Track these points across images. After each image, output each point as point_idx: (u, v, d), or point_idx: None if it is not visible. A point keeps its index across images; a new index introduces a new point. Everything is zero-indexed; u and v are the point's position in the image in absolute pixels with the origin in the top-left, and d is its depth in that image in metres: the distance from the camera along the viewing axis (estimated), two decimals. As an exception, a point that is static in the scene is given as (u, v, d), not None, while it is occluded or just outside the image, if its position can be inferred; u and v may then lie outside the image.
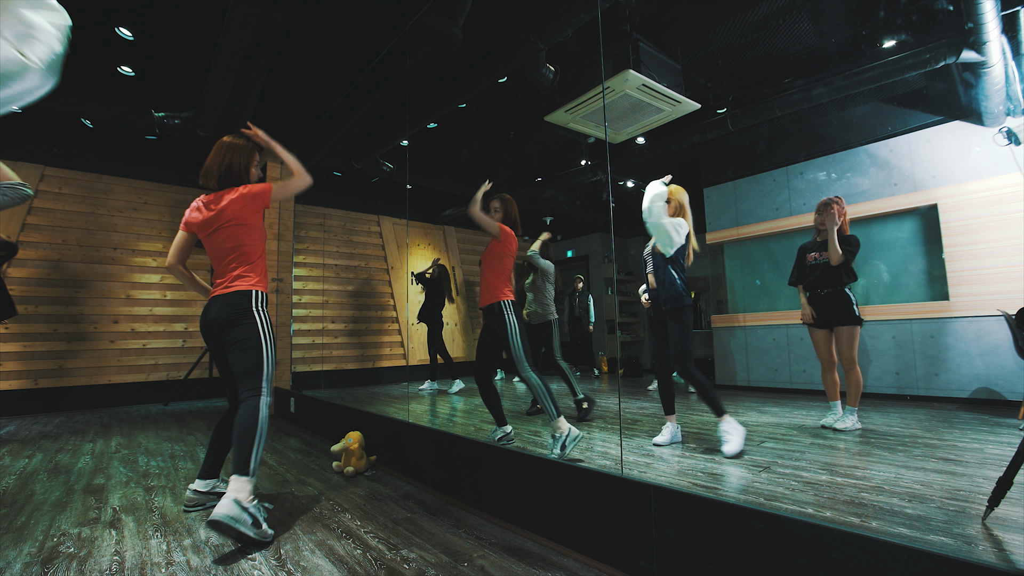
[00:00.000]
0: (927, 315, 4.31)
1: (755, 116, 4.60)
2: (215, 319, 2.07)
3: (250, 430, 1.93)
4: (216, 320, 2.06)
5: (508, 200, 2.97)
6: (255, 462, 1.90)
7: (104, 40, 3.94)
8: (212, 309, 2.09)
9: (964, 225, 4.18)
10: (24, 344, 5.00)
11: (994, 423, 3.24)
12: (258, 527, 1.79)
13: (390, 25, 3.58)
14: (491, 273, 2.81)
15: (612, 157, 5.95)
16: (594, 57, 3.96)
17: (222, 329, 2.07)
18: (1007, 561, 1.40)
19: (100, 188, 5.56)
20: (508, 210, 2.94)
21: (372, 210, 7.52)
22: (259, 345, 2.07)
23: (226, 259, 2.13)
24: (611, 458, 2.61)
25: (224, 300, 2.07)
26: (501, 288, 2.78)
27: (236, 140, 2.23)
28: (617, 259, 8.52)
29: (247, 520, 1.76)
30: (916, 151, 4.50)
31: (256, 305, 2.11)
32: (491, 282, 2.80)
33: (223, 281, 2.12)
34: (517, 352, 2.71)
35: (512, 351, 2.71)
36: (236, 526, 1.72)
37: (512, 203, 2.97)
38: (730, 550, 1.32)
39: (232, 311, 2.06)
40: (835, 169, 5.01)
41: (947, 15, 3.52)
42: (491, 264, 2.82)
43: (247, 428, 1.93)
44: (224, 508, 1.73)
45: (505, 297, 2.76)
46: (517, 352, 2.71)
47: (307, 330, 6.68)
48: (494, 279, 2.80)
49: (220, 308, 2.07)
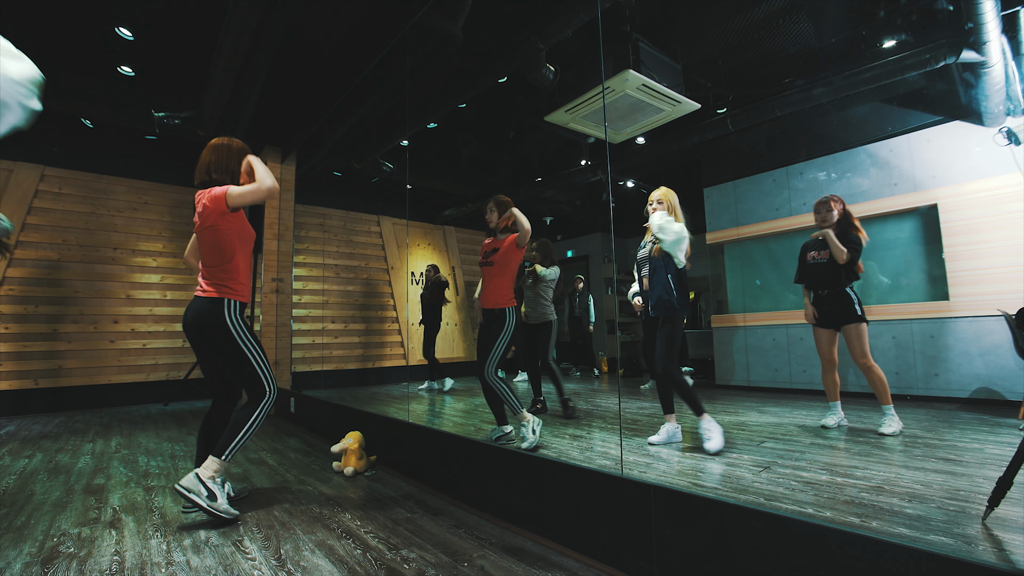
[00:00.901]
0: (927, 315, 4.31)
1: (755, 116, 4.60)
2: (189, 322, 2.13)
3: (240, 424, 2.11)
4: (190, 323, 2.13)
5: (503, 202, 3.00)
6: (232, 450, 2.08)
7: (104, 40, 3.94)
8: (188, 311, 2.15)
9: (964, 225, 4.17)
10: (24, 344, 5.00)
11: (994, 423, 3.24)
12: (213, 500, 1.97)
13: (390, 25, 3.58)
14: (503, 277, 2.89)
15: (612, 157, 5.95)
16: (594, 57, 3.97)
17: (196, 332, 2.12)
18: (1007, 561, 1.40)
19: (100, 188, 5.56)
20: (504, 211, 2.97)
21: (372, 210, 7.52)
22: (242, 354, 2.14)
23: (204, 260, 2.17)
24: (611, 458, 2.61)
25: (197, 304, 2.13)
26: (508, 293, 2.88)
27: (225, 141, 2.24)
28: (617, 259, 8.52)
29: (203, 492, 1.96)
30: (916, 151, 4.50)
31: (228, 313, 2.13)
32: (499, 285, 2.89)
33: (201, 282, 2.17)
34: (495, 354, 2.83)
35: (492, 351, 2.82)
36: (190, 495, 1.95)
37: (508, 203, 2.99)
38: (730, 550, 1.32)
39: (202, 319, 2.11)
40: (835, 169, 5.01)
41: (947, 15, 3.52)
42: (505, 268, 2.89)
43: (239, 422, 2.11)
44: (186, 480, 1.98)
45: (512, 304, 2.87)
46: (495, 354, 2.83)
47: (307, 330, 6.68)
48: (505, 282, 2.89)
49: (193, 312, 2.13)
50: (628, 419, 3.78)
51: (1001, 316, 3.77)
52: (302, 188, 5.85)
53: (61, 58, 4.15)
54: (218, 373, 2.28)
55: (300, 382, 5.72)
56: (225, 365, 2.17)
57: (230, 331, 2.11)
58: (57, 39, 3.91)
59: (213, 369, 2.28)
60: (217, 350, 2.13)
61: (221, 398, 2.30)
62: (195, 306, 2.12)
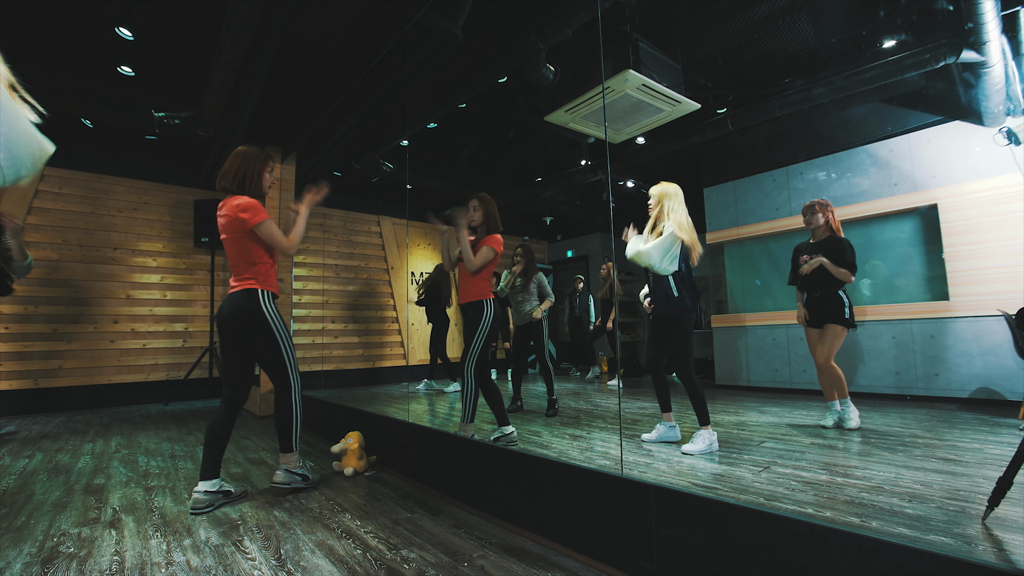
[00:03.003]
0: (927, 315, 4.31)
1: (755, 116, 4.60)
2: (226, 314, 2.27)
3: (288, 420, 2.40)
4: (227, 316, 2.27)
5: (487, 199, 2.95)
6: (296, 439, 2.43)
7: (104, 40, 3.94)
8: (224, 305, 2.30)
9: (964, 225, 4.17)
10: (24, 344, 5.00)
11: (994, 423, 3.24)
12: (307, 480, 2.44)
13: (390, 25, 3.58)
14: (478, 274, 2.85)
15: (612, 157, 5.95)
16: (594, 57, 3.96)
17: (234, 323, 2.26)
18: (1007, 561, 1.40)
19: (100, 188, 5.56)
20: (488, 209, 2.92)
21: (372, 210, 7.52)
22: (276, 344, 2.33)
23: (234, 261, 2.32)
24: (611, 458, 2.61)
25: (233, 298, 2.28)
26: (484, 287, 2.87)
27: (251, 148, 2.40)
28: (617, 259, 8.52)
29: (297, 479, 2.40)
30: (916, 151, 4.50)
31: (264, 301, 2.30)
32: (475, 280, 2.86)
33: (233, 280, 2.33)
34: (475, 347, 2.82)
35: (472, 344, 2.82)
36: (291, 486, 2.38)
37: (491, 201, 2.95)
38: (730, 550, 1.32)
39: (240, 309, 2.26)
40: (835, 169, 5.00)
41: (947, 15, 3.52)
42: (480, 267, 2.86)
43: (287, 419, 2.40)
44: (278, 477, 2.38)
45: (489, 296, 2.85)
46: (475, 347, 2.82)
47: (307, 330, 6.68)
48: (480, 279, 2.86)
49: (230, 304, 2.27)
50: (628, 419, 3.78)
51: (1001, 316, 3.77)
52: (302, 188, 5.83)
53: (61, 58, 4.15)
54: (237, 369, 2.35)
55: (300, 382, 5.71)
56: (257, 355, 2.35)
57: (266, 319, 2.29)
58: (57, 39, 3.91)
59: (234, 365, 2.35)
60: (251, 340, 2.29)
61: (229, 400, 2.33)
62: (231, 299, 2.28)
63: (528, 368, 6.61)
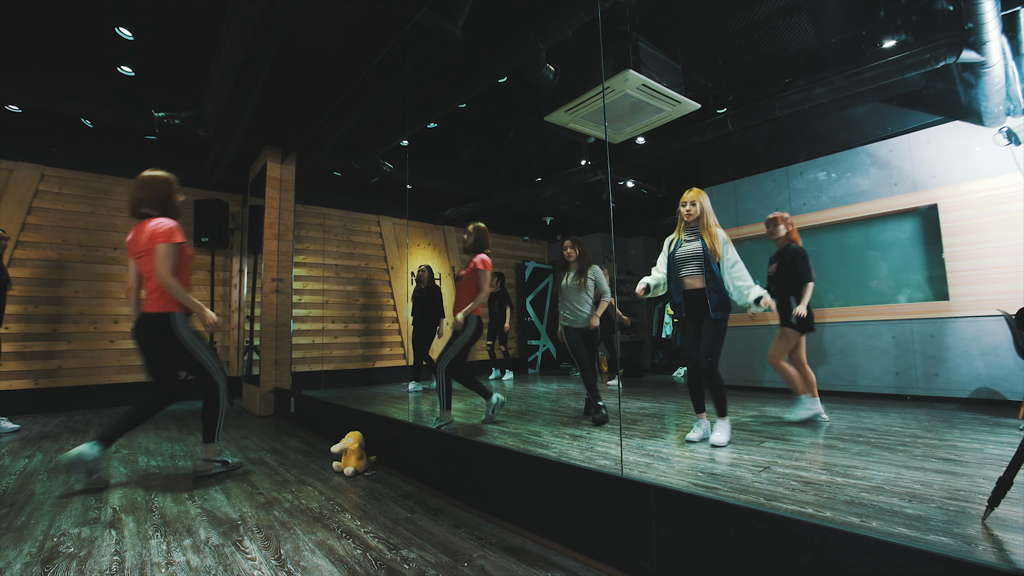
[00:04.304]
0: (927, 315, 4.31)
1: (755, 116, 4.60)
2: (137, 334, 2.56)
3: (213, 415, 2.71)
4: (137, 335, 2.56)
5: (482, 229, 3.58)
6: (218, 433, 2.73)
7: (104, 40, 3.94)
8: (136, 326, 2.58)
9: (964, 225, 4.17)
10: (24, 344, 5.00)
11: (994, 423, 3.24)
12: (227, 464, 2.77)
13: (390, 25, 3.58)
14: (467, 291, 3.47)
15: (612, 157, 5.95)
16: (594, 57, 3.96)
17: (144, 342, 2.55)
18: (1007, 561, 1.40)
19: (100, 188, 5.56)
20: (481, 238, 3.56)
21: (372, 210, 7.52)
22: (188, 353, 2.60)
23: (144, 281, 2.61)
24: (611, 458, 2.61)
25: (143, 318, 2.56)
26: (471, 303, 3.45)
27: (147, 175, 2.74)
28: (617, 259, 8.53)
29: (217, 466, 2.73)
30: (916, 151, 4.50)
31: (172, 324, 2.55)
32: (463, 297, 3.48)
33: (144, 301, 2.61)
34: (450, 351, 3.37)
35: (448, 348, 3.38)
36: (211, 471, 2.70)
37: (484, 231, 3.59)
38: (730, 550, 1.32)
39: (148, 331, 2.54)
40: (835, 169, 5.00)
41: (947, 15, 3.52)
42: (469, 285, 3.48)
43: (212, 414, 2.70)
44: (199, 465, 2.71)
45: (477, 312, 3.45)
46: (450, 351, 3.37)
47: (307, 330, 6.68)
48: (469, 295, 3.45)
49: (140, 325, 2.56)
50: (628, 419, 3.77)
51: (1001, 316, 3.77)
52: (302, 188, 5.84)
53: (61, 58, 4.15)
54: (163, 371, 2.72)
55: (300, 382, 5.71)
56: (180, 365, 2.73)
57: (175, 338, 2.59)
58: (57, 39, 3.91)
59: None
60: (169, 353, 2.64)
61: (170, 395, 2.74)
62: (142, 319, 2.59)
63: None
